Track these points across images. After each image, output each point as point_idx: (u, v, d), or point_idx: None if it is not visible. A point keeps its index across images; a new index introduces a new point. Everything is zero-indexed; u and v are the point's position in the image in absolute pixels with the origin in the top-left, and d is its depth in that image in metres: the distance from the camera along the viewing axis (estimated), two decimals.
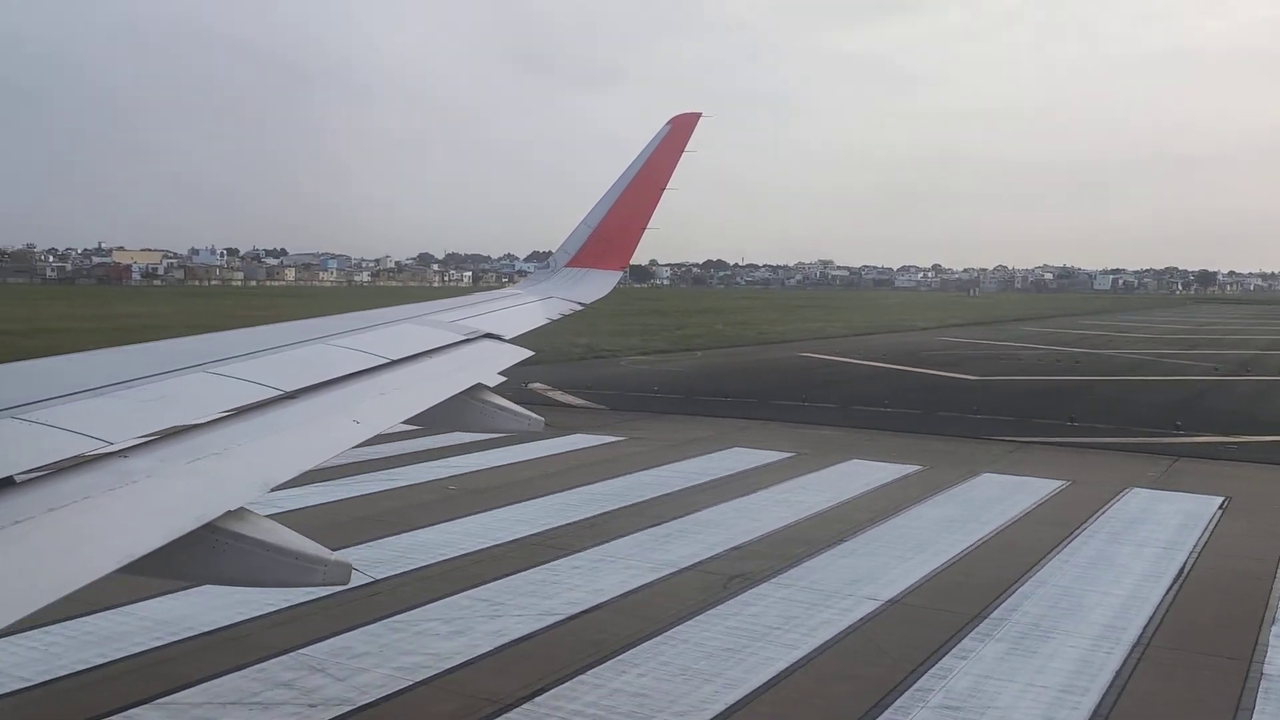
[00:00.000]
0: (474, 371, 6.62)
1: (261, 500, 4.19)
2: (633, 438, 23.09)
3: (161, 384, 4.76)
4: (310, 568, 4.19)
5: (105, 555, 3.29)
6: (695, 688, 9.21)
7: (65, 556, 3.23)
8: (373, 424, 5.15)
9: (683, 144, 10.39)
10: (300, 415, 4.95)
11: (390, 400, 5.61)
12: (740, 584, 12.28)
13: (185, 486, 3.95)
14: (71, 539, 3.33)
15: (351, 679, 9.27)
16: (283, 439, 4.64)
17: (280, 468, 4.35)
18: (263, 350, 5.74)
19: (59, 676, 9.23)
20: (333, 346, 6.18)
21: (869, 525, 15.25)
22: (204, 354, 5.38)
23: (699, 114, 10.65)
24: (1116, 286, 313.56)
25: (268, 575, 4.13)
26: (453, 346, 6.98)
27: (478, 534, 14.39)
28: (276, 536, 4.12)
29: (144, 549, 3.40)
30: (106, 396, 4.44)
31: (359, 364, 5.87)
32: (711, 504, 16.48)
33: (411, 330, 7.20)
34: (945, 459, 20.84)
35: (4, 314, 71.35)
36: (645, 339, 57.82)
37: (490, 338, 7.46)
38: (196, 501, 3.84)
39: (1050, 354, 50.81)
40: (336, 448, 4.86)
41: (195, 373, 5.06)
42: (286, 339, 6.14)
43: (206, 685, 9.09)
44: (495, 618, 10.97)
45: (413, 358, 6.38)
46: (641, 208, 10.21)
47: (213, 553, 3.90)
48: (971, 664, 9.90)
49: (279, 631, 10.46)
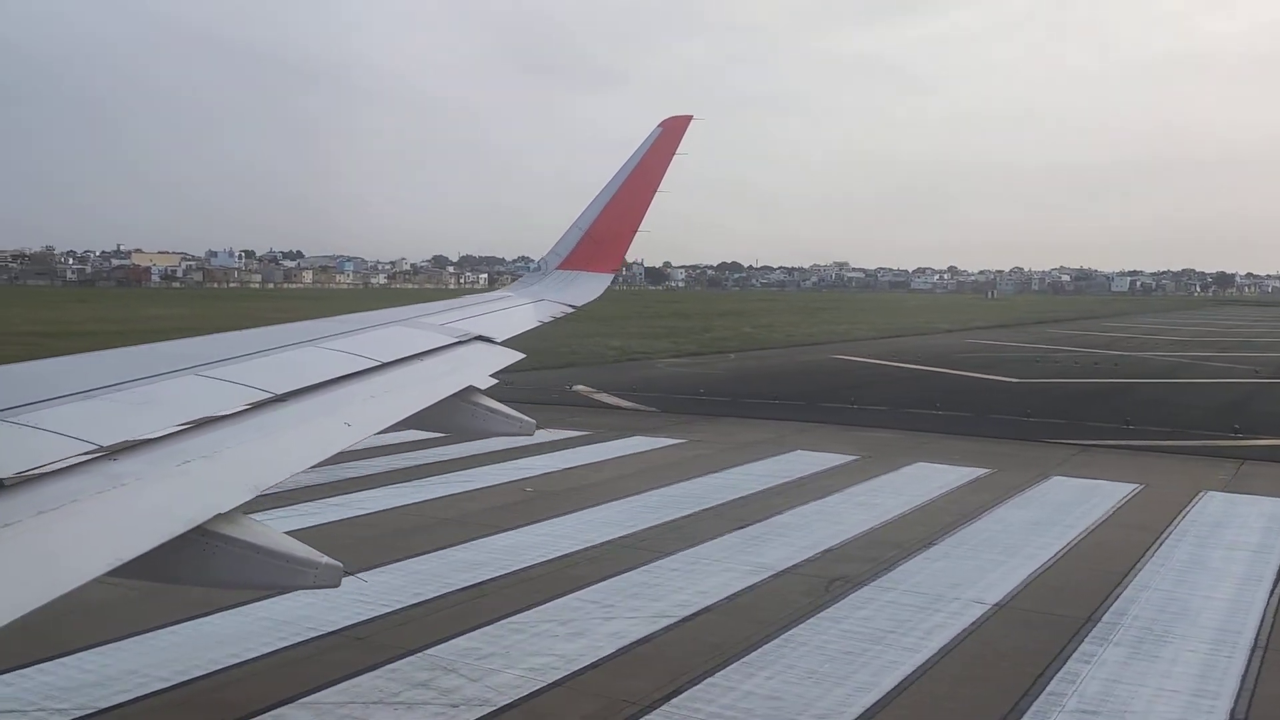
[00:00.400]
0: (465, 374, 6.61)
1: (339, 503, 4.14)
2: (692, 440, 23.13)
3: (151, 387, 4.72)
4: (301, 570, 4.14)
5: (95, 558, 3.25)
6: (826, 691, 9.24)
7: (54, 560, 3.20)
8: (364, 426, 5.14)
9: (674, 146, 10.32)
10: (291, 418, 4.92)
11: (382, 403, 5.59)
12: (842, 587, 12.31)
13: (175, 489, 3.92)
14: (61, 542, 3.29)
15: (485, 679, 9.34)
16: (274, 441, 4.61)
17: (271, 470, 4.33)
18: (253, 353, 5.72)
19: (195, 677, 9.32)
20: (324, 349, 6.16)
21: (954, 528, 15.26)
22: (194, 356, 5.35)
23: (690, 117, 10.58)
24: (1134, 288, 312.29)
25: (259, 578, 4.11)
26: (444, 349, 6.97)
27: (568, 536, 14.45)
28: (267, 539, 4.08)
29: (134, 552, 3.36)
30: (96, 399, 4.40)
31: (350, 366, 5.85)
32: (789, 507, 16.50)
33: (403, 333, 7.20)
34: (1011, 462, 20.81)
35: (32, 317, 71.95)
36: (675, 342, 57.87)
37: (482, 340, 7.45)
38: (186, 504, 3.81)
39: (1085, 356, 50.65)
40: (328, 450, 4.82)
41: (185, 375, 5.01)
42: (277, 341, 6.12)
43: (345, 685, 9.17)
44: (609, 619, 11.03)
45: (404, 360, 6.36)
46: (633, 210, 10.16)
47: (203, 556, 3.85)
48: (1096, 668, 9.90)
49: (399, 632, 10.55)
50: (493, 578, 12.47)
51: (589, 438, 23.24)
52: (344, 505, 16.14)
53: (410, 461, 19.67)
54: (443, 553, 13.55)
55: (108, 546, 3.33)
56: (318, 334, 6.50)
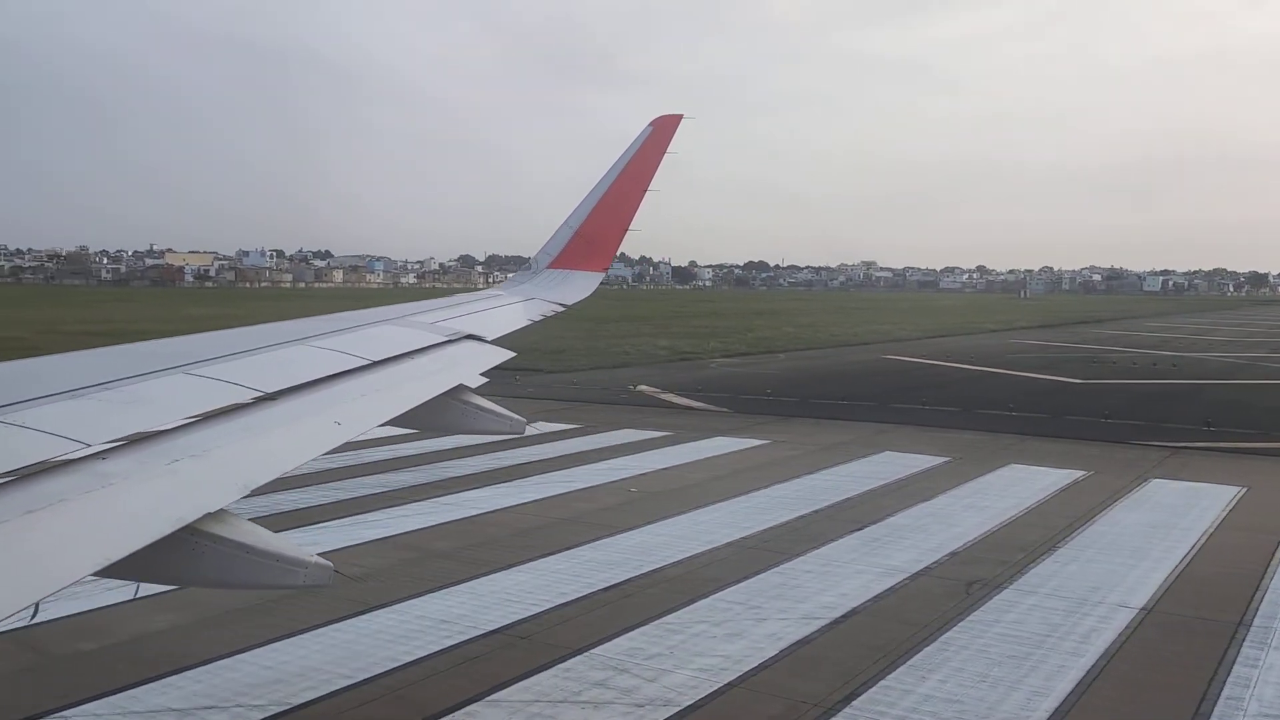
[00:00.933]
0: (456, 372, 6.56)
1: (451, 503, 4.10)
2: (775, 441, 23.12)
3: (141, 385, 4.67)
4: (291, 569, 4.12)
5: (83, 558, 3.23)
6: (1004, 694, 9.24)
7: (42, 559, 3.17)
8: (354, 425, 5.10)
9: (664, 145, 10.22)
10: (281, 417, 4.88)
11: (372, 401, 5.57)
12: (982, 590, 12.29)
13: (164, 489, 3.88)
14: (49, 542, 3.26)
15: (660, 680, 9.39)
16: (263, 440, 4.58)
17: (260, 469, 4.30)
18: (243, 351, 5.69)
19: (375, 674, 9.43)
20: (313, 348, 6.12)
21: (1072, 531, 15.19)
22: (184, 355, 5.32)
23: (680, 115, 10.51)
24: (1166, 288, 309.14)
25: (249, 577, 4.07)
26: (434, 348, 6.93)
27: (690, 537, 14.50)
28: (257, 539, 4.04)
29: (122, 552, 3.34)
30: (85, 398, 4.36)
31: (340, 365, 5.82)
32: (899, 509, 16.48)
33: (393, 332, 7.16)
34: (1105, 465, 20.68)
35: (80, 316, 72.87)
36: (723, 342, 57.82)
37: (472, 339, 7.41)
38: (175, 504, 3.77)
39: (1141, 357, 50.23)
40: (317, 449, 4.77)
41: (175, 374, 4.97)
42: (267, 340, 6.10)
43: (526, 683, 9.25)
44: (761, 620, 11.06)
45: (394, 359, 6.33)
46: (624, 209, 10.06)
47: (192, 555, 3.82)
48: (1265, 672, 9.85)
49: (557, 632, 10.62)
50: (630, 578, 12.53)
51: (672, 438, 23.29)
52: (456, 505, 16.27)
53: (502, 462, 19.79)
54: (572, 552, 13.62)
55: (96, 546, 3.31)
56: (308, 333, 6.48)
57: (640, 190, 9.99)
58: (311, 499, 16.20)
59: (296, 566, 4.11)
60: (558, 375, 37.58)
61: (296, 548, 4.18)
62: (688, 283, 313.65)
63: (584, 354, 47.94)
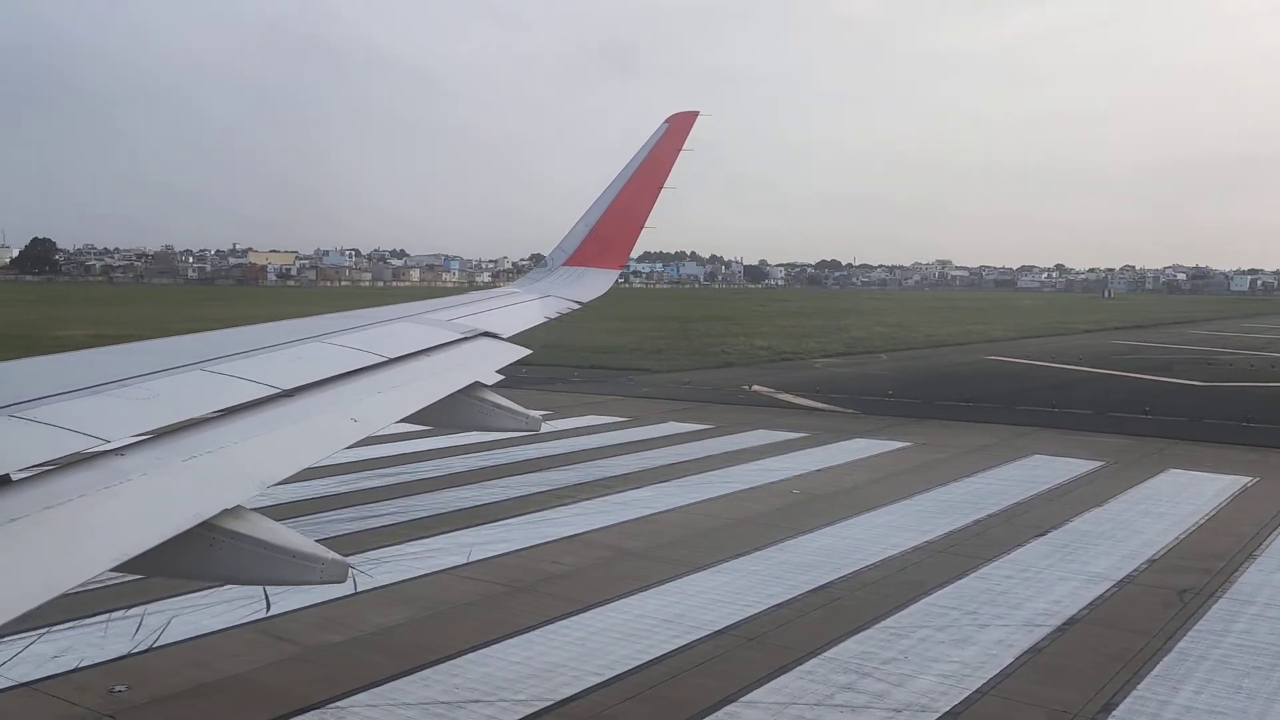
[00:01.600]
0: (472, 369, 6.54)
1: (621, 501, 3.96)
2: (918, 444, 22.90)
3: (158, 382, 4.69)
4: (308, 566, 4.10)
5: (101, 553, 3.26)
6: (1267, 706, 9.02)
7: (61, 554, 3.19)
8: (371, 422, 5.09)
9: (680, 142, 10.08)
10: (297, 413, 4.87)
11: (388, 398, 5.55)
12: (1196, 600, 12.02)
13: (181, 484, 3.91)
14: (67, 537, 3.29)
15: (906, 684, 9.35)
16: (280, 437, 4.58)
17: (277, 466, 4.32)
18: (260, 349, 5.69)
19: (622, 672, 9.53)
20: (330, 345, 6.12)
21: (1265, 539, 14.79)
22: (201, 352, 5.33)
23: (696, 112, 10.35)
24: (1255, 287, 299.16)
25: (265, 574, 4.09)
26: (450, 345, 6.90)
27: (873, 540, 14.42)
28: (274, 535, 4.04)
29: (140, 547, 3.37)
30: (103, 395, 4.38)
31: (356, 362, 5.80)
32: (1075, 514, 16.19)
33: (409, 329, 7.15)
34: (1269, 470, 20.12)
35: (186, 315, 74.96)
36: (820, 342, 57.44)
37: (488, 336, 7.35)
38: (193, 500, 3.79)
39: (1259, 359, 48.68)
40: (334, 446, 4.78)
41: (192, 371, 4.99)
42: (284, 337, 6.10)
43: (772, 685, 9.28)
44: (984, 627, 10.95)
45: (410, 356, 6.31)
46: (639, 206, 9.92)
47: (210, 551, 3.84)
48: None
49: (782, 634, 10.64)
50: (832, 580, 12.50)
51: (810, 439, 23.19)
52: (626, 504, 16.41)
53: (657, 461, 19.91)
54: (762, 554, 13.64)
55: (114, 541, 3.34)
56: (324, 330, 6.51)
57: (656, 187, 9.91)
58: (487, 495, 16.48)
59: (313, 563, 4.12)
60: (667, 375, 37.71)
61: (314, 544, 4.18)
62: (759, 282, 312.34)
63: (685, 354, 48.03)
